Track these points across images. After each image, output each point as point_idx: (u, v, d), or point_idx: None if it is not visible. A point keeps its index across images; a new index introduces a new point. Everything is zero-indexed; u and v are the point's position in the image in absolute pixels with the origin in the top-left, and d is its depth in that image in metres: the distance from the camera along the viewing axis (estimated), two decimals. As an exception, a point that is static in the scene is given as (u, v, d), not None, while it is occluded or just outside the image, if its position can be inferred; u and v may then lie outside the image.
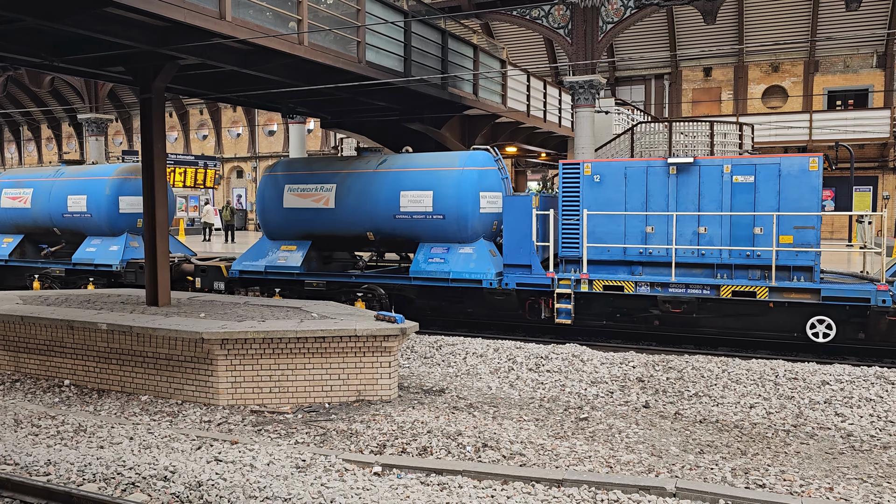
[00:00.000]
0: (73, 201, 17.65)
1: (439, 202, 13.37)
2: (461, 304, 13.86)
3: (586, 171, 12.48)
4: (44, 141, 50.66)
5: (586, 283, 12.29)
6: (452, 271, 13.17)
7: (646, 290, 12.00)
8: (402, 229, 13.85)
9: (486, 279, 12.91)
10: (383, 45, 13.89)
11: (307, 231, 14.83)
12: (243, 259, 15.20)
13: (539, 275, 12.61)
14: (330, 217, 14.44)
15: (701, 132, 24.38)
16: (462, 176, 13.37)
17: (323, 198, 14.49)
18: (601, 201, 12.38)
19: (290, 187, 14.93)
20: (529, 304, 13.04)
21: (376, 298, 13.78)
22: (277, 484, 6.13)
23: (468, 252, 13.36)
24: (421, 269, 13.47)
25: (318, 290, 14.31)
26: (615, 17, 18.00)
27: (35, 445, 7.51)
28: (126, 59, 11.54)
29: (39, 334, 10.45)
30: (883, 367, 10.07)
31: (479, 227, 13.47)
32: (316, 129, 38.22)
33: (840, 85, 29.98)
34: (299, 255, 14.65)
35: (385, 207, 13.85)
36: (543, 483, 6.29)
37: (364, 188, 14.16)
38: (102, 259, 16.86)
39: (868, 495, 6.14)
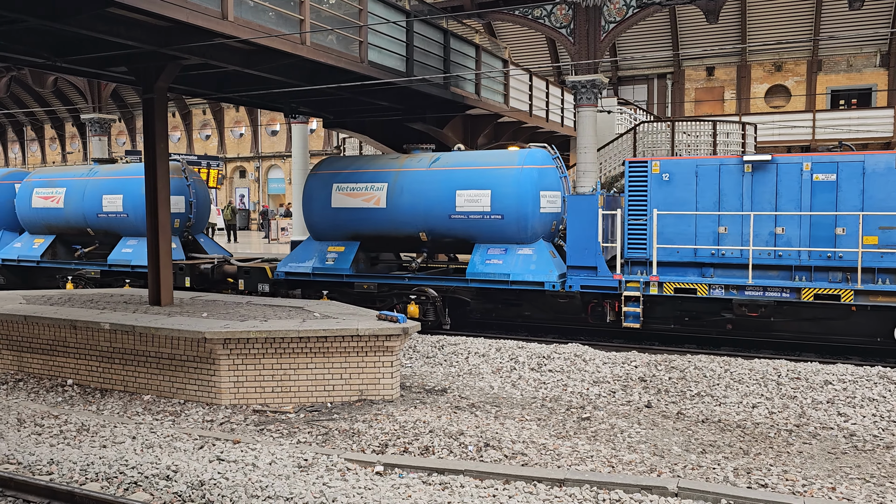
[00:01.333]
0: (108, 201, 17.21)
1: (498, 202, 12.96)
2: (518, 307, 13.48)
3: (654, 169, 12.01)
4: (47, 141, 50.77)
5: (656, 285, 11.82)
6: (512, 273, 12.75)
7: (720, 292, 11.52)
8: (457, 230, 13.48)
9: (549, 281, 12.46)
10: (385, 44, 13.90)
11: (356, 231, 14.45)
12: (289, 260, 14.88)
13: (605, 277, 12.15)
14: (381, 217, 14.02)
15: (704, 132, 24.37)
16: (522, 174, 12.96)
17: (374, 197, 14.07)
18: (670, 201, 11.92)
19: (339, 186, 14.50)
20: (592, 308, 12.63)
21: (429, 301, 13.42)
22: (279, 483, 6.14)
23: (528, 253, 12.93)
24: (478, 271, 13.05)
25: (368, 293, 13.97)
26: (617, 16, 17.98)
27: (38, 445, 7.52)
28: (129, 60, 11.56)
29: (43, 334, 10.47)
30: (886, 367, 10.05)
31: (538, 228, 13.08)
32: (318, 129, 38.24)
33: (843, 84, 29.93)
34: (348, 257, 14.26)
35: (439, 207, 13.45)
36: (545, 483, 6.29)
37: (417, 187, 13.74)
38: (140, 260, 16.38)
39: (871, 495, 6.13)
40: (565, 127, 24.93)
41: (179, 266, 16.01)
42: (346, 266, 14.11)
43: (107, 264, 16.98)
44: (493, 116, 19.07)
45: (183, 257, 16.74)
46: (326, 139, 39.20)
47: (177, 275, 15.84)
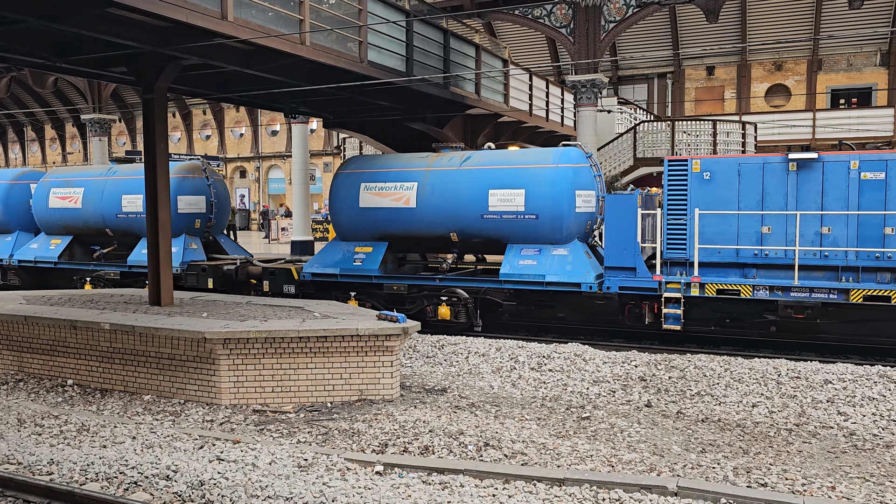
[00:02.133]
0: (128, 201, 16.80)
1: (532, 201, 12.70)
2: (552, 308, 13.21)
3: (695, 167, 11.74)
4: (47, 141, 50.80)
5: (697, 286, 11.53)
6: (548, 274, 12.48)
7: (764, 294, 11.22)
8: (490, 230, 13.22)
9: (586, 283, 12.22)
10: (385, 44, 13.90)
11: (385, 232, 14.17)
12: (315, 261, 14.64)
13: (645, 278, 11.87)
14: (411, 217, 13.73)
15: (704, 131, 24.40)
16: (557, 173, 12.69)
17: (403, 196, 13.76)
18: (711, 200, 11.64)
19: (367, 185, 14.18)
20: (629, 309, 12.42)
21: (461, 303, 13.21)
22: (279, 483, 6.15)
23: (563, 254, 12.66)
24: (512, 272, 12.77)
25: (397, 294, 13.74)
26: (617, 16, 17.99)
27: (38, 445, 7.53)
28: (129, 60, 11.57)
29: (43, 334, 10.48)
30: (886, 366, 10.04)
31: (574, 228, 12.83)
32: (318, 129, 38.26)
33: (843, 83, 29.94)
34: (376, 257, 13.97)
35: (471, 207, 13.19)
36: (545, 482, 6.29)
37: (448, 186, 13.46)
38: None
39: (870, 494, 6.13)
40: (565, 126, 24.94)
41: (202, 267, 15.70)
42: (374, 267, 13.86)
43: (126, 265, 16.64)
44: (493, 116, 19.07)
45: (204, 258, 16.43)
46: (327, 139, 39.22)
47: (199, 276, 15.63)
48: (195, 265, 15.75)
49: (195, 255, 16.20)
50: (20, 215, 19.12)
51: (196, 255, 16.24)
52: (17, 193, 19.20)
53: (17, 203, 19.17)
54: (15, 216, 19.16)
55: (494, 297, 13.21)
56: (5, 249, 18.85)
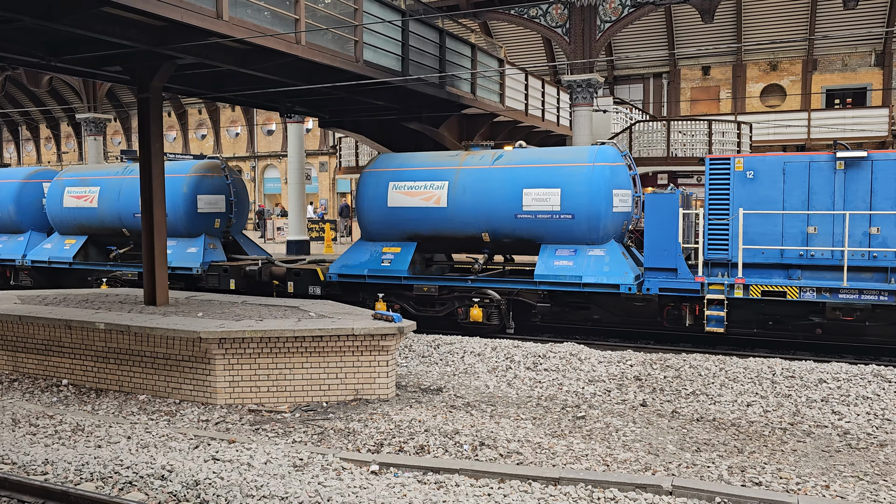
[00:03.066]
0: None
1: (568, 200, 12.45)
2: (587, 310, 12.95)
3: (738, 166, 11.49)
4: (42, 141, 50.66)
5: (741, 287, 11.30)
6: (584, 275, 12.25)
7: (811, 295, 10.96)
8: (523, 230, 12.95)
9: (625, 284, 11.97)
10: (381, 44, 13.90)
11: (414, 232, 13.89)
12: (341, 262, 14.36)
13: (686, 279, 11.64)
14: (441, 217, 13.45)
15: (699, 131, 24.45)
16: (594, 172, 12.43)
17: (434, 196, 13.49)
18: (754, 199, 11.39)
19: (396, 185, 13.89)
20: (668, 311, 12.19)
21: (494, 304, 12.99)
22: (275, 483, 6.14)
23: (599, 254, 12.43)
24: (548, 273, 12.50)
25: (427, 296, 13.49)
26: (613, 15, 18.01)
27: (33, 445, 7.51)
28: (124, 59, 11.55)
29: (37, 334, 10.45)
30: (880, 366, 10.09)
31: (610, 228, 12.60)
32: (314, 129, 38.23)
33: (838, 83, 30.01)
34: (405, 258, 13.70)
35: (504, 206, 12.93)
36: (540, 481, 6.30)
37: (480, 185, 13.20)
38: (181, 261, 15.81)
39: (864, 493, 6.15)
40: (561, 126, 24.96)
41: (223, 268, 15.40)
42: (403, 268, 13.58)
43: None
44: (488, 116, 19.08)
45: (224, 259, 16.17)
46: (322, 139, 39.19)
47: (220, 277, 15.35)
48: (216, 266, 15.52)
49: (215, 256, 15.93)
50: (32, 215, 18.79)
51: (216, 255, 15.96)
52: (28, 192, 18.87)
53: (28, 202, 18.85)
54: (27, 216, 18.83)
55: (527, 298, 12.99)
56: (18, 250, 18.49)
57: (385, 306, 13.46)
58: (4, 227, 19.07)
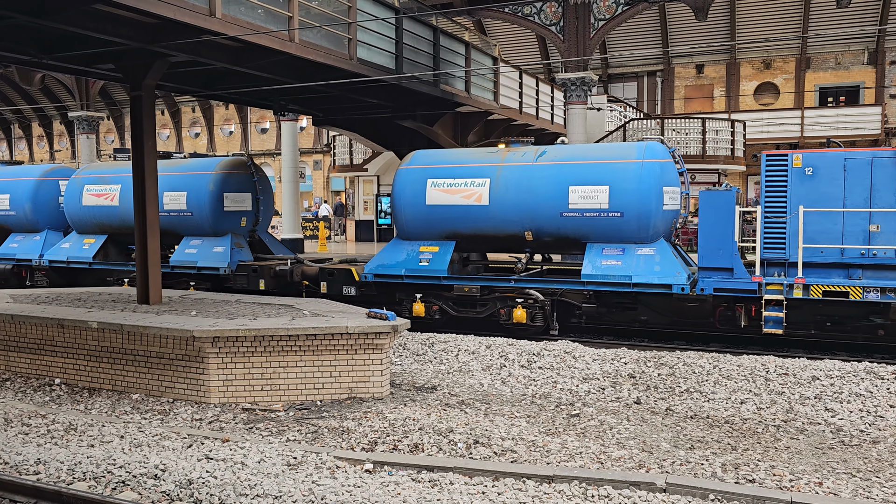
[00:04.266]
0: (170, 198, 15.95)
1: (617, 198, 12.06)
2: (633, 311, 12.64)
3: (795, 162, 11.15)
4: (35, 139, 50.43)
5: (801, 287, 10.94)
6: (634, 275, 11.87)
7: (876, 296, 10.63)
8: (568, 228, 12.54)
9: (677, 284, 11.60)
10: (375, 42, 13.88)
11: (453, 230, 13.45)
12: (377, 261, 13.97)
13: (743, 279, 11.28)
14: (482, 215, 13.06)
15: (693, 129, 24.51)
16: (643, 169, 12.05)
17: (475, 193, 13.09)
18: (813, 197, 11.04)
19: (435, 182, 13.46)
20: (721, 312, 11.88)
21: (538, 305, 12.66)
22: (268, 481, 6.13)
23: (649, 254, 12.06)
24: (596, 273, 12.13)
25: (468, 297, 13.11)
26: (607, 13, 18.02)
27: (25, 444, 7.48)
28: (116, 57, 11.50)
29: (30, 333, 10.40)
30: (873, 363, 10.13)
31: (660, 226, 12.23)
32: (308, 127, 38.16)
33: (831, 82, 30.11)
34: (444, 258, 13.29)
35: (549, 204, 12.53)
36: (534, 479, 6.30)
37: (524, 183, 12.79)
38: (207, 261, 15.44)
39: (857, 489, 6.17)
40: (555, 124, 24.98)
41: (252, 268, 15.00)
42: (442, 267, 13.20)
43: (169, 265, 15.82)
44: (483, 114, 19.09)
45: (251, 258, 15.79)
46: (316, 137, 39.11)
47: (249, 277, 14.95)
48: (245, 266, 15.14)
49: (242, 256, 15.55)
50: (48, 213, 18.35)
51: (243, 255, 15.57)
52: (45, 191, 18.40)
53: (45, 201, 18.38)
54: (43, 214, 18.36)
55: (571, 298, 12.67)
56: (34, 249, 18.01)
57: (423, 307, 13.26)
58: (20, 227, 18.61)
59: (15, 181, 18.66)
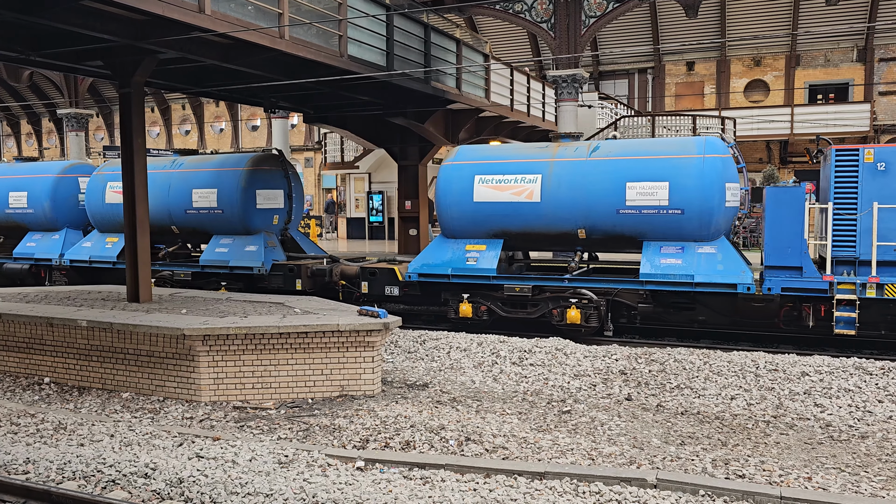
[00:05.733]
0: (199, 196, 15.46)
1: (677, 194, 11.69)
2: (691, 311, 12.24)
3: (867, 157, 10.78)
4: (23, 136, 50.07)
5: (874, 287, 10.61)
6: (696, 274, 11.48)
7: None
8: (625, 226, 12.15)
9: (743, 283, 11.22)
10: (365, 39, 13.84)
11: (501, 228, 13.03)
12: (421, 260, 13.50)
13: (813, 278, 10.93)
14: (533, 212, 12.66)
15: (684, 126, 24.58)
16: (705, 165, 11.69)
17: (526, 190, 12.65)
18: (886, 193, 10.65)
19: (482, 178, 13.03)
20: (785, 312, 11.49)
21: (593, 306, 12.28)
22: (259, 480, 6.11)
23: (710, 252, 11.70)
24: (655, 272, 11.76)
25: (519, 297, 12.66)
26: (598, 11, 18.04)
27: (14, 444, 7.43)
28: (105, 54, 11.42)
29: (18, 332, 10.33)
30: (861, 358, 10.19)
31: (722, 224, 11.88)
32: (299, 124, 38.06)
33: (821, 79, 30.26)
34: (491, 256, 12.89)
35: (605, 201, 12.14)
36: (526, 476, 6.31)
37: (578, 179, 12.38)
38: (239, 261, 14.96)
39: (846, 484, 6.22)
40: (546, 121, 24.99)
41: (289, 267, 14.58)
42: (491, 266, 12.79)
43: (199, 265, 15.42)
44: (474, 111, 19.08)
45: (284, 257, 15.36)
46: (307, 134, 39.00)
47: (286, 277, 14.52)
48: (281, 265, 14.72)
49: (275, 255, 15.12)
50: (68, 211, 17.81)
51: (276, 254, 15.16)
52: (64, 188, 17.80)
53: (64, 198, 17.80)
54: (63, 212, 17.79)
55: (626, 298, 12.30)
56: (54, 248, 17.49)
57: (471, 308, 12.94)
58: (38, 225, 18.02)
59: (33, 178, 18.05)
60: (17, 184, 18.17)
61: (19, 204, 18.07)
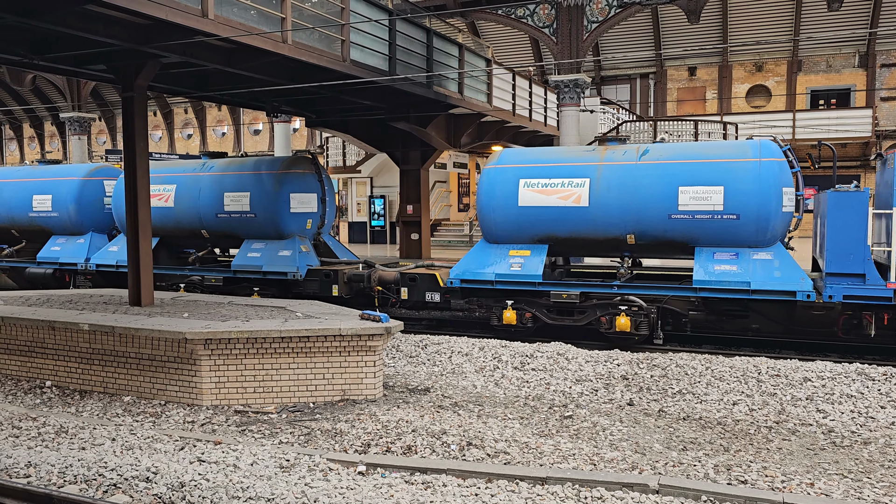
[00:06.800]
0: (231, 199, 15.18)
1: (733, 199, 11.42)
2: (744, 318, 11.95)
3: None
4: (26, 140, 50.17)
5: None
6: (753, 281, 11.19)
7: None
8: (676, 231, 11.86)
9: (802, 291, 10.91)
10: (368, 43, 13.86)
11: (547, 233, 12.74)
12: (463, 266, 13.17)
13: (877, 285, 10.61)
14: (581, 217, 12.37)
15: (685, 131, 24.59)
16: (762, 169, 11.41)
17: (573, 194, 12.40)
18: None
19: (527, 182, 12.75)
20: (844, 320, 11.21)
21: (643, 313, 11.97)
22: (261, 484, 6.10)
23: (767, 258, 11.43)
24: (709, 279, 11.47)
25: (566, 304, 12.40)
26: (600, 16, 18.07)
27: (15, 447, 7.43)
28: (108, 57, 11.45)
29: (20, 335, 10.34)
30: (864, 364, 10.18)
31: (779, 229, 11.58)
32: (301, 129, 38.12)
33: (823, 84, 30.28)
34: (537, 262, 12.60)
35: (656, 206, 11.86)
36: (527, 481, 6.30)
37: (628, 183, 12.11)
38: (273, 266, 14.65)
39: (848, 490, 6.20)
40: (548, 126, 25.02)
41: (325, 273, 14.28)
42: (536, 272, 12.47)
43: (230, 270, 15.09)
44: (476, 116, 19.10)
45: (317, 262, 15.04)
46: (309, 138, 39.06)
47: (322, 282, 14.26)
48: (316, 270, 14.45)
49: (309, 260, 14.84)
50: (93, 215, 17.49)
51: (310, 259, 14.87)
52: (90, 191, 17.46)
53: (89, 202, 17.45)
54: (88, 216, 17.46)
55: (676, 306, 12.02)
56: (79, 253, 17.17)
57: (515, 315, 12.69)
58: (63, 229, 17.71)
59: (57, 181, 17.75)
60: (40, 187, 17.87)
61: (43, 207, 17.77)
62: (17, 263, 18.26)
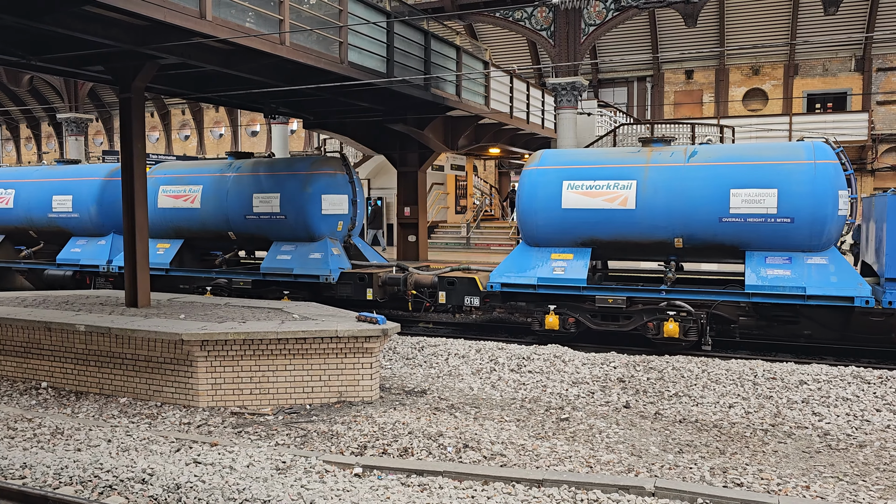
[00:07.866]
0: (260, 200, 14.85)
1: (786, 202, 11.14)
2: (795, 324, 11.69)
3: None
4: (23, 141, 50.09)
5: None
6: (808, 286, 10.90)
7: None
8: (727, 235, 11.56)
9: (861, 297, 10.63)
10: (366, 45, 13.87)
11: (591, 237, 12.42)
12: (503, 269, 12.83)
13: None
14: (627, 220, 12.06)
15: (682, 134, 24.63)
16: (817, 171, 11.14)
17: (619, 196, 12.09)
18: None
19: (571, 184, 12.44)
20: None
21: (691, 318, 11.67)
22: (257, 486, 6.10)
23: (821, 263, 11.14)
24: (762, 284, 11.16)
25: (612, 309, 12.12)
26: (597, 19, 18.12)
27: (11, 448, 7.41)
28: (106, 59, 11.44)
29: (16, 336, 10.32)
30: (859, 367, 10.20)
31: (834, 233, 11.30)
32: (299, 130, 38.11)
33: (819, 88, 30.36)
34: (580, 266, 12.30)
35: (706, 208, 11.56)
36: (524, 483, 6.31)
37: (676, 185, 11.82)
38: (305, 269, 14.30)
39: (844, 493, 6.22)
40: (546, 129, 25.05)
41: (359, 276, 13.95)
42: (580, 276, 12.18)
43: (259, 273, 14.78)
44: (473, 118, 19.11)
45: (349, 265, 14.68)
46: (307, 140, 39.06)
47: (355, 286, 13.96)
48: (350, 274, 14.14)
49: (340, 262, 14.51)
50: (115, 216, 16.67)
51: (341, 261, 14.54)
52: (111, 192, 16.82)
53: (111, 202, 16.85)
54: (110, 217, 16.96)
55: (725, 311, 11.80)
56: (101, 255, 16.73)
57: (558, 320, 12.40)
58: (83, 230, 17.30)
59: (78, 181, 17.38)
60: (60, 187, 17.50)
61: (63, 208, 17.37)
62: (36, 265, 17.90)
